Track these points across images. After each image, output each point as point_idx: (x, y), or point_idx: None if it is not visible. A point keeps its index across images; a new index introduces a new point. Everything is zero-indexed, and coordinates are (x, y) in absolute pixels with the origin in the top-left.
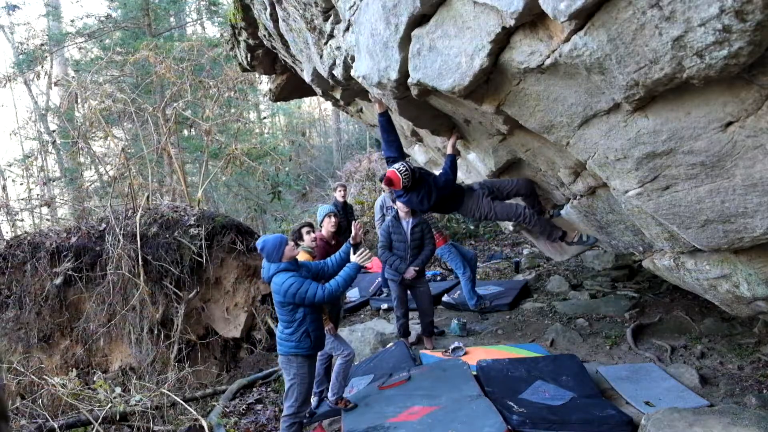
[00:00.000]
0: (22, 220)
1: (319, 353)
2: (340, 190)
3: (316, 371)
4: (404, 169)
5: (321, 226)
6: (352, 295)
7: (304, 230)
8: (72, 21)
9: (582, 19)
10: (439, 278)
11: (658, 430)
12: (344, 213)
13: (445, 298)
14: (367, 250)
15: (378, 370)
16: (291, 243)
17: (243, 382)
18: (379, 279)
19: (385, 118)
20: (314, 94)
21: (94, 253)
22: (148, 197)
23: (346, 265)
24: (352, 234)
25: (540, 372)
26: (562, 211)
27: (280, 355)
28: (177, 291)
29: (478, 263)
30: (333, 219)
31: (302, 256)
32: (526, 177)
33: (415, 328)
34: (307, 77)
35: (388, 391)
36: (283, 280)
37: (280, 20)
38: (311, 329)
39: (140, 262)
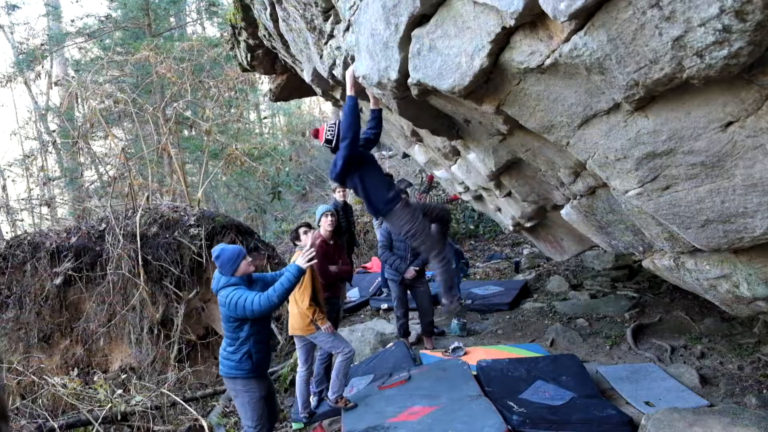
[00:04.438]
0: (22, 220)
1: (319, 353)
2: (339, 191)
3: (315, 371)
4: (332, 124)
5: (319, 225)
6: (352, 295)
7: (302, 230)
8: (72, 21)
9: (582, 19)
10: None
11: (658, 430)
12: (344, 213)
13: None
14: (311, 251)
15: (378, 370)
16: (248, 259)
17: None
18: (379, 279)
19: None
20: (314, 94)
21: (94, 253)
22: (148, 197)
23: (288, 267)
24: (305, 244)
25: (540, 372)
26: (563, 212)
27: (226, 378)
28: (177, 291)
29: (477, 263)
30: (330, 218)
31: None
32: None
33: (415, 328)
34: (307, 77)
35: (388, 391)
36: (229, 293)
37: (280, 20)
38: (254, 350)
39: (140, 262)
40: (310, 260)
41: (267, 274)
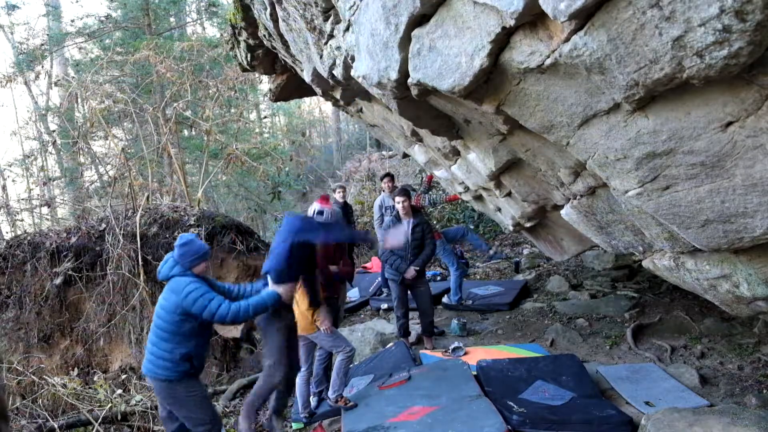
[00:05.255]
0: (22, 220)
1: (319, 353)
2: (339, 191)
3: (315, 371)
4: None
5: None
6: (352, 295)
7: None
8: (72, 21)
9: (582, 19)
10: (439, 278)
11: (658, 430)
12: (344, 213)
13: (444, 298)
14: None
15: (378, 370)
16: (207, 263)
17: (243, 382)
18: (379, 279)
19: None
20: (314, 94)
21: (94, 253)
22: (148, 197)
23: (266, 291)
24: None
25: (540, 372)
26: (563, 212)
27: (150, 378)
28: None
29: (478, 263)
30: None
31: None
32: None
33: (415, 328)
34: (307, 77)
35: (388, 391)
36: (186, 283)
37: (280, 20)
38: (194, 353)
39: (140, 262)
40: (287, 300)
41: (227, 284)
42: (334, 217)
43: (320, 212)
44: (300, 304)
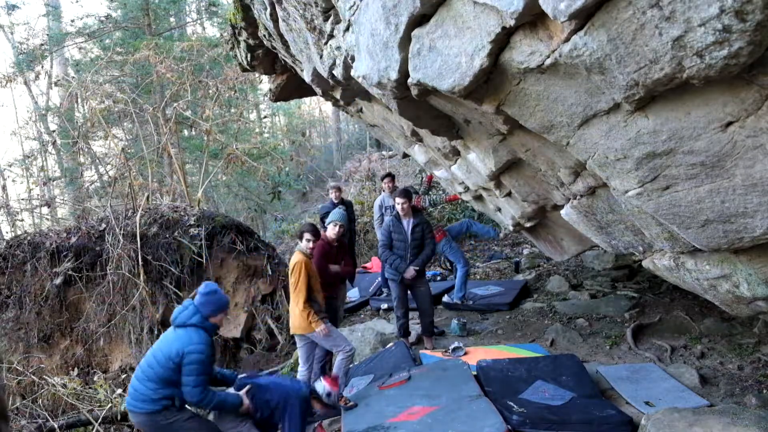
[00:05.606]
0: (22, 220)
1: (317, 352)
2: (334, 191)
3: (314, 371)
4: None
5: (325, 228)
6: (352, 295)
7: (306, 236)
8: (72, 21)
9: (582, 19)
10: (439, 278)
11: (658, 430)
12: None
13: (445, 298)
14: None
15: (378, 370)
16: (226, 315)
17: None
18: (379, 279)
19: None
20: (314, 94)
21: (94, 253)
22: (148, 197)
23: (234, 393)
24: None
25: (540, 372)
26: (563, 212)
27: (130, 412)
28: (177, 291)
29: (478, 263)
30: (338, 228)
31: (298, 256)
32: None
33: (415, 328)
34: (307, 77)
35: (388, 391)
36: (200, 340)
37: (280, 20)
38: (178, 395)
39: (140, 262)
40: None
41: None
42: (334, 399)
43: (328, 394)
44: (297, 305)
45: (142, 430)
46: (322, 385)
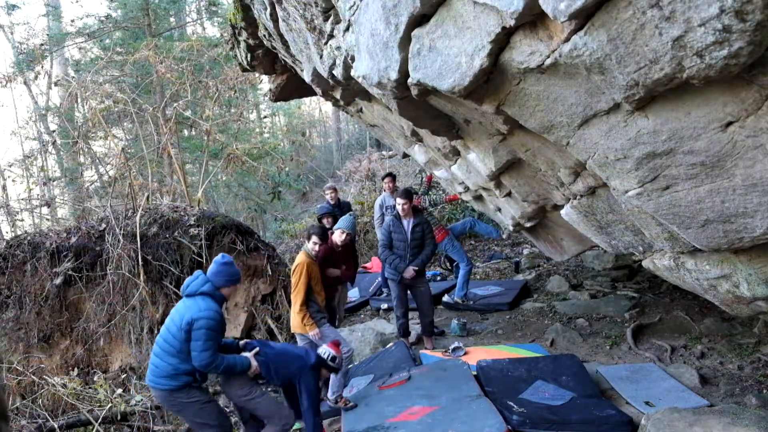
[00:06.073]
0: (22, 220)
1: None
2: (330, 192)
3: None
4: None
5: (333, 231)
6: (352, 295)
7: (314, 239)
8: (72, 21)
9: (582, 19)
10: (439, 278)
11: (658, 430)
12: (341, 213)
13: (445, 298)
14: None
15: (378, 370)
16: (238, 287)
17: None
18: (379, 279)
19: None
20: (314, 94)
21: (94, 253)
22: (148, 197)
23: (242, 355)
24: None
25: (540, 372)
26: (563, 212)
27: (151, 387)
28: (177, 291)
29: (478, 263)
30: (345, 236)
31: (302, 257)
32: None
33: (415, 328)
34: (307, 77)
35: (388, 391)
36: (209, 306)
37: (280, 20)
38: (200, 375)
39: (140, 262)
40: (256, 374)
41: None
42: (339, 362)
43: (333, 358)
44: (293, 305)
45: (162, 406)
46: (325, 350)
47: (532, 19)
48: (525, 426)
